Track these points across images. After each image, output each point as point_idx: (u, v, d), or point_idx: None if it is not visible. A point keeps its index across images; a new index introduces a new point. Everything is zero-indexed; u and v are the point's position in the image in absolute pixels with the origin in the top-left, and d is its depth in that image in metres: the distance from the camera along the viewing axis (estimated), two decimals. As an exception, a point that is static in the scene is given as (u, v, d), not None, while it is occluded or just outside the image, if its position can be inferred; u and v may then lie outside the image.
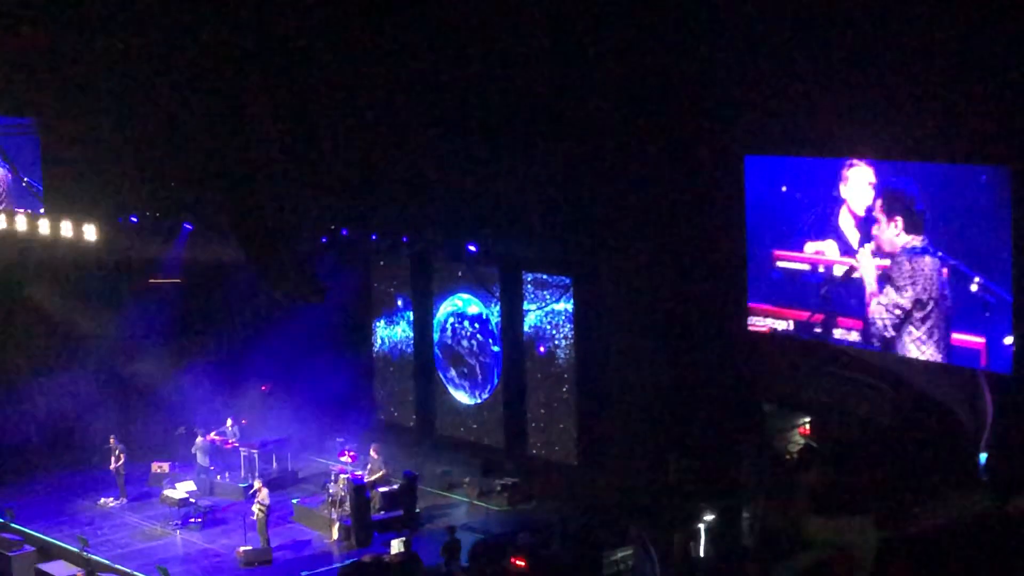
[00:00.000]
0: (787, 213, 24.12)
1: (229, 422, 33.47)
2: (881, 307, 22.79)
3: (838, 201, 23.21)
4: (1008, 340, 21.06)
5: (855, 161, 22.78)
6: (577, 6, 25.63)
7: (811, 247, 23.82)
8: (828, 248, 23.56)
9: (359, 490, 29.10)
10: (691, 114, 25.49)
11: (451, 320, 33.93)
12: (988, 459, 21.92)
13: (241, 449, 32.88)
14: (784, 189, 24.03)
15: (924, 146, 21.69)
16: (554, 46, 26.55)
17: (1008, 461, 21.61)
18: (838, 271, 23.17)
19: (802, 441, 26.83)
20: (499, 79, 27.43)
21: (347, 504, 29.30)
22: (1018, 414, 21.86)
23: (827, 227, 23.52)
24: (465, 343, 33.65)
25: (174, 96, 31.17)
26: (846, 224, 23.19)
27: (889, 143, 22.20)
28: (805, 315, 24.25)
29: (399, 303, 35.27)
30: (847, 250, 23.25)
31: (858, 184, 22.85)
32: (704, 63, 24.79)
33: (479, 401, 33.57)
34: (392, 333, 35.51)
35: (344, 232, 32.09)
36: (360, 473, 30.37)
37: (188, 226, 33.46)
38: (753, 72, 24.02)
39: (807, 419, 26.80)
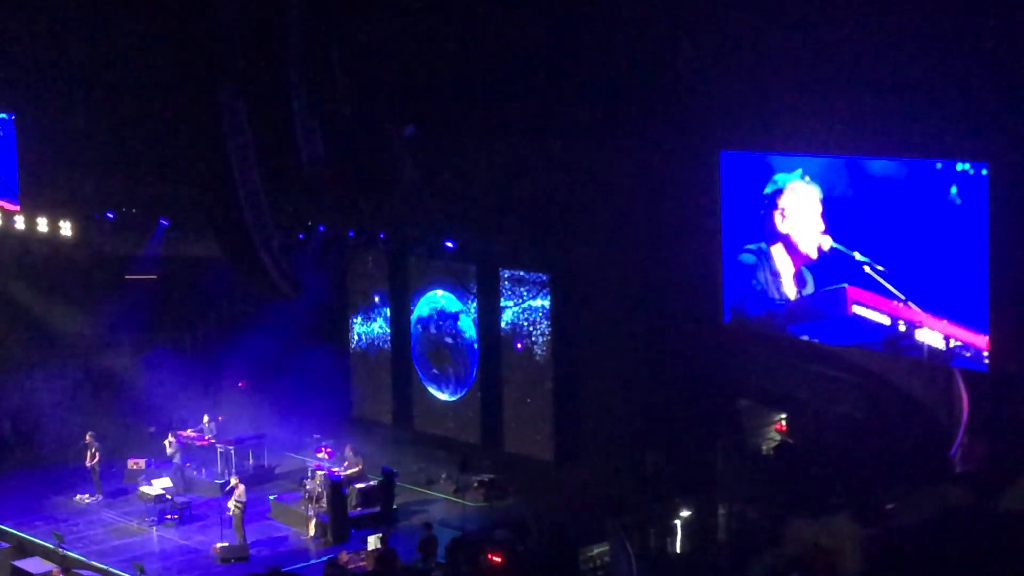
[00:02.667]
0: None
1: (206, 419, 33.41)
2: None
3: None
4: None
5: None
6: (553, 4, 25.66)
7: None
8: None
9: (336, 486, 29.09)
10: (667, 110, 25.54)
11: (433, 317, 33.93)
12: (963, 454, 22.05)
13: (218, 445, 32.81)
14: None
15: (900, 142, 21.79)
16: (531, 44, 26.56)
17: (983, 456, 21.73)
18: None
19: (778, 437, 26.92)
20: (476, 76, 27.43)
21: (324, 500, 29.28)
22: (993, 410, 21.99)
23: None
24: (448, 340, 33.65)
25: (150, 92, 31.12)
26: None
27: (864, 138, 22.28)
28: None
29: (376, 300, 35.26)
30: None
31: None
32: (679, 59, 24.84)
33: (456, 397, 33.58)
34: (369, 329, 35.50)
35: (321, 228, 32.06)
36: (337, 469, 30.37)
37: (164, 222, 33.40)
38: (728, 68, 24.08)
39: (783, 415, 26.89)
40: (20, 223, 34.46)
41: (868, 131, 22.20)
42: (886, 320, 22.11)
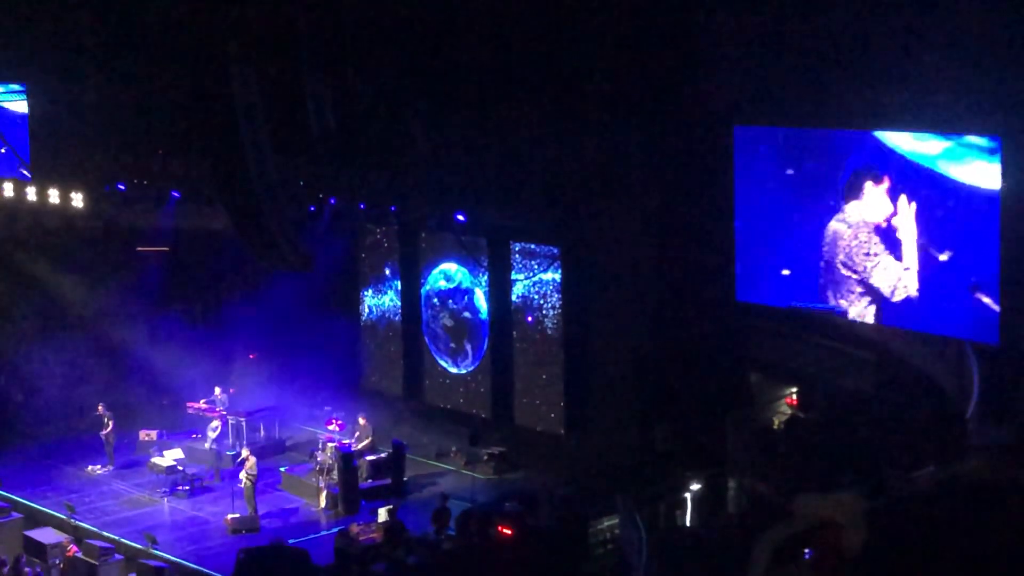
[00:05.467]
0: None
1: (217, 390, 33.46)
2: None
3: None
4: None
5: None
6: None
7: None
8: None
9: (346, 458, 29.16)
10: (681, 84, 25.50)
11: (443, 289, 33.92)
12: (974, 427, 22.04)
13: (229, 417, 32.87)
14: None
15: (914, 116, 21.74)
16: (542, 16, 26.51)
17: (994, 429, 21.72)
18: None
19: (788, 411, 26.92)
20: (488, 48, 27.38)
21: (335, 472, 29.35)
22: (1004, 383, 21.98)
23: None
24: (461, 314, 33.65)
25: (162, 63, 31.10)
26: None
27: (879, 114, 22.23)
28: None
29: (387, 272, 35.26)
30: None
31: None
32: (694, 32, 24.79)
33: (467, 370, 33.60)
34: (380, 302, 35.52)
35: (332, 201, 32.03)
36: (348, 441, 30.43)
37: (176, 194, 33.40)
38: (743, 42, 24.03)
39: (793, 389, 26.89)
40: (32, 194, 34.47)
41: (882, 105, 22.17)
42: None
